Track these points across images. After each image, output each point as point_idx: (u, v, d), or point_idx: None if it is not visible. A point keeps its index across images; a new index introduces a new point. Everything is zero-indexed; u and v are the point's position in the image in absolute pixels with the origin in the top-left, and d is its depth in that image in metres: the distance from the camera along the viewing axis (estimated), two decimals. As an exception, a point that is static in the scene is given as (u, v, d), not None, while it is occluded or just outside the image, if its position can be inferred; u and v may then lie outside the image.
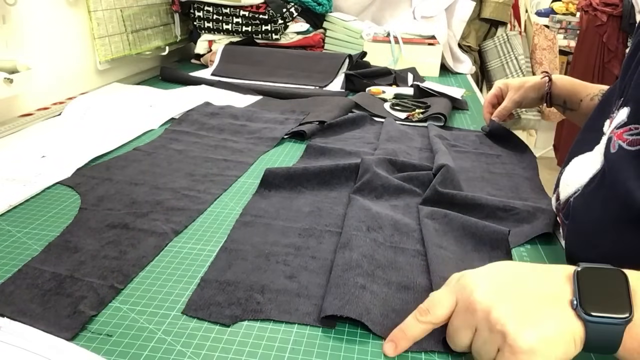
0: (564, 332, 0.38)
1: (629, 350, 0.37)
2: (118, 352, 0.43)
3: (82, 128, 0.95)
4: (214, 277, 0.53)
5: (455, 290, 0.43)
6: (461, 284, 0.42)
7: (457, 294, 0.42)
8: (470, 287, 0.41)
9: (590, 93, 0.84)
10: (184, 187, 0.73)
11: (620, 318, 0.37)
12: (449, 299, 0.43)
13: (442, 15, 1.63)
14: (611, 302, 0.38)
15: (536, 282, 0.41)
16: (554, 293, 0.40)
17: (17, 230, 0.61)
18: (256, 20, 1.48)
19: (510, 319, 0.38)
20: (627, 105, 0.51)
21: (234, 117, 1.02)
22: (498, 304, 0.39)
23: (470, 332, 0.41)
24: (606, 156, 0.51)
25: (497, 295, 0.40)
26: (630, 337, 0.37)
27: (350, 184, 0.75)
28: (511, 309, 0.39)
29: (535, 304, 0.39)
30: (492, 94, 1.00)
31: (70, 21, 1.14)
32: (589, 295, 0.38)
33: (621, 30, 2.82)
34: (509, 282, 0.41)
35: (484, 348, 0.40)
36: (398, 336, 0.44)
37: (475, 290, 0.41)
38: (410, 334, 0.43)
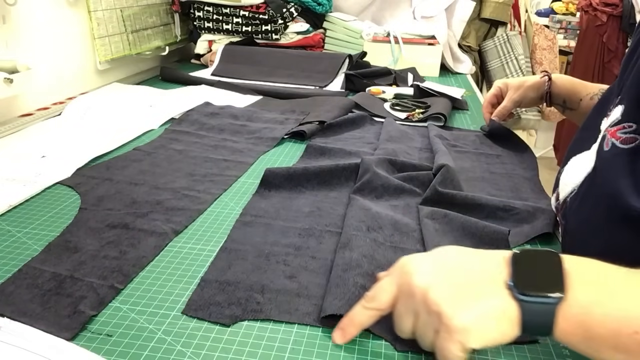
0: (499, 312, 0.38)
1: (563, 332, 0.38)
2: (118, 352, 0.43)
3: (82, 128, 0.95)
4: (214, 277, 0.53)
5: (397, 276, 0.43)
6: (402, 269, 0.43)
7: (399, 279, 0.43)
8: (410, 272, 0.42)
9: (590, 92, 0.84)
10: (184, 187, 0.73)
11: (553, 297, 0.37)
12: (392, 285, 0.43)
13: (442, 15, 1.63)
14: (545, 282, 0.38)
15: (475, 265, 0.42)
16: (491, 275, 0.40)
17: (17, 230, 0.61)
18: (256, 20, 1.48)
19: (445, 300, 0.39)
20: (622, 103, 0.51)
21: (234, 117, 1.02)
22: (434, 286, 0.40)
23: (412, 316, 0.42)
24: (599, 154, 0.51)
25: (434, 278, 0.41)
26: (564, 318, 0.37)
27: (350, 184, 0.75)
28: (447, 290, 0.40)
29: (471, 286, 0.40)
30: (491, 94, 1.00)
31: (70, 21, 1.14)
32: (523, 276, 0.39)
33: (621, 30, 2.82)
34: (447, 265, 0.42)
35: (424, 331, 0.41)
36: (346, 323, 0.44)
37: (414, 274, 0.41)
38: (357, 321, 0.44)
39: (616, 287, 0.38)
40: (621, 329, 0.36)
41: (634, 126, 0.47)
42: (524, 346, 0.46)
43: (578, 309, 0.37)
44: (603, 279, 0.39)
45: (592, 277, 0.39)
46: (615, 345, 0.36)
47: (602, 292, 0.38)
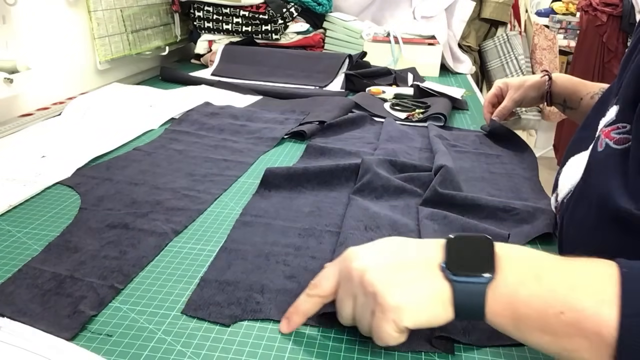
0: (432, 292, 0.40)
1: (494, 314, 0.38)
2: (118, 352, 0.43)
3: (82, 128, 0.95)
4: (214, 277, 0.53)
5: (339, 263, 0.45)
6: (344, 257, 0.44)
7: (340, 266, 0.44)
8: (350, 258, 0.43)
9: (590, 92, 0.84)
10: (184, 187, 0.73)
11: (483, 277, 0.38)
12: (334, 272, 0.45)
13: (442, 15, 1.64)
14: (476, 264, 0.39)
15: (412, 250, 0.43)
16: (426, 258, 0.41)
17: (17, 230, 0.61)
18: (256, 20, 1.48)
19: (380, 280, 0.40)
20: (618, 103, 0.51)
21: (234, 117, 1.02)
22: (371, 269, 0.41)
23: (351, 300, 0.43)
24: (592, 154, 0.51)
25: (371, 262, 0.42)
26: (493, 298, 0.38)
27: (350, 184, 0.75)
28: (382, 272, 0.41)
29: (406, 268, 0.41)
30: (492, 94, 1.00)
31: (70, 21, 1.14)
32: (456, 258, 0.40)
33: (621, 30, 2.82)
34: (386, 251, 0.43)
35: (361, 313, 0.42)
36: (292, 312, 0.46)
37: (353, 259, 0.43)
38: (301, 309, 0.45)
39: (544, 269, 0.39)
40: (547, 309, 0.36)
41: (628, 127, 0.47)
42: (524, 346, 0.46)
43: (506, 289, 0.38)
44: (532, 262, 0.40)
45: (522, 260, 0.40)
46: (542, 326, 0.36)
47: (530, 273, 0.38)
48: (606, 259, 0.38)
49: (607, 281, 0.36)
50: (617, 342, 0.33)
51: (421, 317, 0.40)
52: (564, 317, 0.35)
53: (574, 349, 0.35)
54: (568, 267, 0.38)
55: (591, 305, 0.35)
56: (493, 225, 0.62)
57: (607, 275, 0.36)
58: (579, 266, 0.38)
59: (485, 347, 0.46)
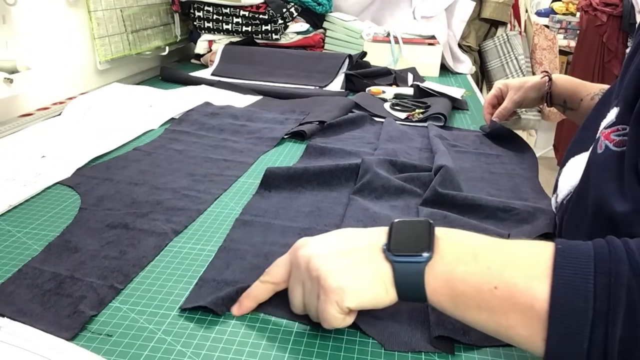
0: (373, 273, 0.41)
1: (434, 292, 0.40)
2: (118, 352, 0.43)
3: (82, 128, 0.95)
4: (212, 276, 0.53)
5: (290, 252, 0.46)
6: (294, 245, 0.46)
7: (291, 255, 0.46)
8: (299, 246, 0.45)
9: (590, 92, 0.84)
10: (184, 187, 0.73)
11: (422, 256, 0.40)
12: (285, 260, 0.46)
13: (442, 15, 1.64)
14: (416, 245, 0.41)
15: (358, 237, 0.45)
16: (369, 242, 0.43)
17: (17, 230, 0.61)
18: (256, 20, 1.48)
19: (323, 264, 0.42)
20: (618, 105, 0.51)
21: (234, 117, 1.02)
22: (316, 255, 0.43)
23: (300, 287, 0.44)
24: (592, 156, 0.50)
25: (317, 249, 0.44)
26: (433, 277, 0.39)
27: (350, 184, 0.75)
28: (326, 257, 0.43)
29: (350, 252, 0.43)
30: (492, 95, 1.00)
31: (70, 21, 1.14)
32: (397, 240, 0.42)
33: (621, 30, 2.82)
34: (334, 239, 0.45)
35: (309, 299, 0.44)
36: (244, 297, 0.48)
37: (302, 247, 0.45)
38: (252, 294, 0.48)
39: (481, 249, 0.40)
40: (482, 285, 0.37)
41: (628, 129, 0.47)
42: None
43: (444, 267, 0.39)
44: (470, 242, 0.41)
45: (460, 240, 0.41)
46: (478, 303, 0.37)
47: (467, 252, 0.40)
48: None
49: (541, 257, 0.37)
50: (547, 314, 0.34)
51: (363, 298, 0.41)
52: (497, 292, 0.37)
53: (509, 325, 0.36)
54: (505, 247, 0.40)
55: (523, 280, 0.36)
56: (493, 226, 0.62)
57: (541, 253, 0.37)
58: (516, 246, 0.40)
59: (485, 347, 0.45)
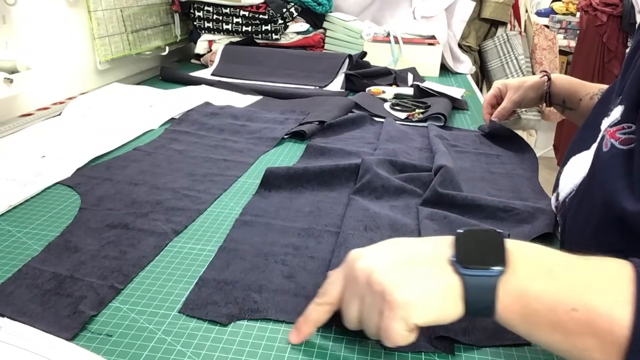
0: (441, 287, 0.39)
1: (505, 309, 0.38)
2: (118, 352, 0.43)
3: (82, 128, 0.95)
4: (212, 276, 0.53)
5: (344, 267, 0.44)
6: (348, 260, 0.43)
7: (345, 270, 0.43)
8: (354, 259, 0.42)
9: (589, 92, 0.84)
10: (184, 187, 0.73)
11: (494, 270, 0.38)
12: (339, 276, 0.43)
13: (442, 15, 1.63)
14: (487, 257, 0.38)
15: (418, 248, 0.42)
16: (435, 254, 0.41)
17: (17, 230, 0.61)
18: (256, 20, 1.48)
19: (387, 278, 0.39)
20: (622, 103, 0.51)
21: (234, 117, 1.02)
22: (377, 268, 0.40)
23: (357, 302, 0.42)
24: (597, 154, 0.50)
25: (377, 261, 0.41)
26: (504, 292, 0.37)
27: (350, 184, 0.75)
28: (390, 270, 0.40)
29: (414, 265, 0.40)
30: (491, 95, 1.00)
31: (70, 21, 1.14)
32: (466, 252, 0.39)
33: (621, 30, 2.82)
34: (392, 249, 0.43)
35: (368, 315, 0.41)
36: (301, 322, 0.45)
37: (357, 259, 0.42)
38: (310, 319, 0.44)
39: (557, 265, 0.38)
40: (557, 305, 0.35)
41: (633, 127, 0.47)
42: (524, 346, 0.46)
43: (517, 283, 0.37)
44: (544, 257, 0.39)
45: (533, 254, 0.39)
46: (552, 323, 0.36)
47: (542, 268, 0.38)
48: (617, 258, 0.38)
49: (621, 281, 0.35)
50: (628, 343, 0.33)
51: (431, 314, 0.39)
52: (575, 315, 0.35)
53: (584, 347, 0.35)
54: (581, 265, 0.38)
55: (604, 304, 0.34)
56: (493, 226, 0.62)
57: (621, 275, 0.36)
58: (592, 264, 0.38)
59: (485, 347, 0.46)
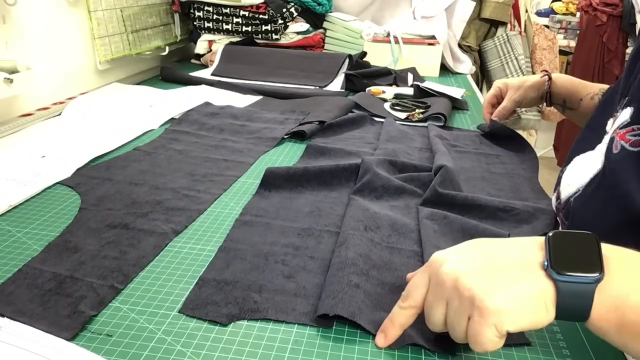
0: (534, 292, 0.37)
1: (599, 317, 0.37)
2: (118, 352, 0.43)
3: (82, 128, 0.95)
4: (212, 276, 0.53)
5: (427, 269, 0.43)
6: (431, 261, 0.43)
7: (429, 272, 0.42)
8: (438, 263, 0.41)
9: (590, 92, 0.84)
10: (184, 187, 0.73)
11: (592, 277, 0.36)
12: (423, 279, 0.43)
13: (442, 15, 1.63)
14: (582, 262, 0.37)
15: (506, 249, 0.41)
16: (525, 258, 0.39)
17: (17, 230, 0.61)
18: (256, 20, 1.48)
19: (477, 283, 0.38)
20: (631, 105, 0.51)
21: (234, 117, 1.02)
22: (465, 272, 0.39)
23: (442, 306, 0.40)
24: (608, 156, 0.50)
25: (464, 264, 0.40)
26: (600, 300, 0.36)
27: (350, 184, 0.75)
28: (478, 274, 0.39)
29: (504, 268, 0.39)
30: (491, 94, 1.00)
31: (70, 21, 1.14)
32: (559, 256, 0.38)
33: (621, 30, 2.82)
34: (478, 252, 0.41)
35: (455, 319, 0.40)
36: (387, 326, 0.44)
37: (443, 263, 0.41)
38: (397, 322, 0.43)
39: None
40: None
41: None
42: (524, 347, 0.46)
43: (615, 292, 0.36)
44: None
45: (630, 261, 0.38)
46: None
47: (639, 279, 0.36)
48: None
49: None
50: None
51: (523, 320, 0.37)
52: None
53: None
54: None
55: None
56: (493, 226, 0.62)
57: None
58: None
59: (485, 347, 0.45)
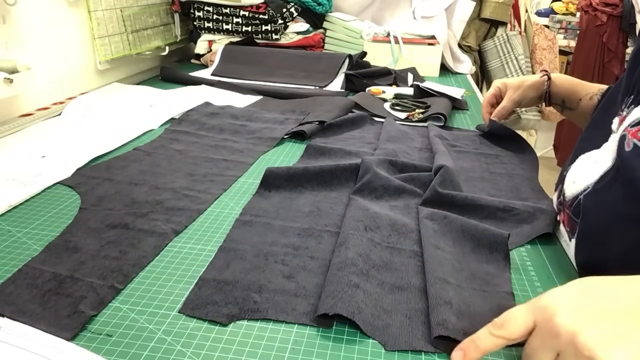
0: None
1: None
2: (118, 352, 0.43)
3: (82, 128, 0.95)
4: (212, 276, 0.53)
5: (534, 310, 0.40)
6: (542, 304, 0.40)
7: (537, 315, 0.40)
8: (552, 309, 0.39)
9: (589, 92, 0.84)
10: (184, 187, 0.73)
11: None
12: (526, 317, 0.40)
13: (442, 15, 1.63)
14: None
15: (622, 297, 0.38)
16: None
17: (17, 230, 0.61)
18: (256, 20, 1.48)
19: (598, 343, 0.36)
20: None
21: (234, 117, 1.02)
22: (584, 328, 0.36)
23: (551, 355, 0.38)
24: (620, 154, 0.50)
25: (582, 318, 0.37)
26: None
27: (350, 184, 0.75)
28: (598, 332, 0.36)
29: (623, 324, 0.36)
30: (490, 94, 0.99)
31: (70, 21, 1.14)
32: None
33: (621, 30, 2.82)
34: (592, 301, 0.39)
35: None
36: (469, 347, 0.42)
37: (557, 312, 0.38)
38: (482, 347, 0.41)
39: None
40: None
41: None
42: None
43: None
44: None
45: None
46: None
47: None
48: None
49: None
50: None
51: None
52: None
53: None
54: None
55: None
56: (493, 226, 0.62)
57: None
58: None
59: (485, 347, 0.45)
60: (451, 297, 0.49)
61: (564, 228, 0.60)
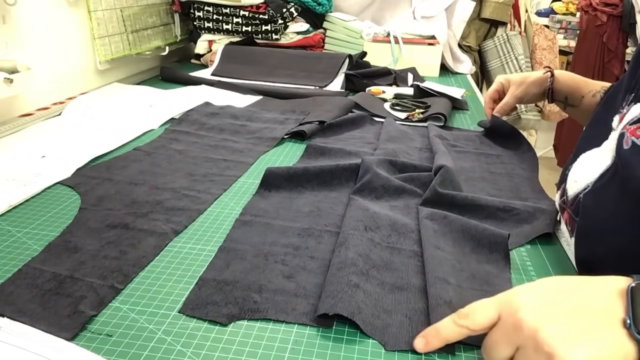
0: (615, 354, 0.35)
1: None
2: (118, 352, 0.43)
3: (82, 128, 0.95)
4: (212, 276, 0.53)
5: (500, 303, 0.41)
6: (507, 299, 0.40)
7: (501, 308, 0.40)
8: (516, 304, 0.39)
9: (592, 90, 0.84)
10: (184, 187, 0.73)
11: None
12: (491, 310, 0.41)
13: (442, 15, 1.63)
14: None
15: (585, 297, 0.39)
16: (605, 309, 0.37)
17: (17, 230, 0.61)
18: (256, 20, 1.48)
19: (558, 339, 0.36)
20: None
21: (234, 117, 1.02)
22: (545, 324, 0.37)
23: (510, 349, 0.39)
24: (619, 152, 0.50)
25: (544, 315, 0.38)
26: None
27: (350, 184, 0.75)
28: (559, 329, 0.37)
29: (584, 323, 0.37)
30: (493, 89, 0.99)
31: (70, 21, 1.14)
32: None
33: (621, 30, 2.82)
34: (556, 299, 0.39)
35: None
36: (431, 334, 0.43)
37: (521, 308, 0.39)
38: (443, 334, 0.42)
39: None
40: None
41: None
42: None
43: None
44: None
45: None
46: None
47: None
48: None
49: None
50: None
51: None
52: None
53: None
54: None
55: None
56: (493, 225, 0.62)
57: None
58: None
59: (485, 347, 0.45)
60: (451, 297, 0.49)
61: (566, 227, 0.60)
